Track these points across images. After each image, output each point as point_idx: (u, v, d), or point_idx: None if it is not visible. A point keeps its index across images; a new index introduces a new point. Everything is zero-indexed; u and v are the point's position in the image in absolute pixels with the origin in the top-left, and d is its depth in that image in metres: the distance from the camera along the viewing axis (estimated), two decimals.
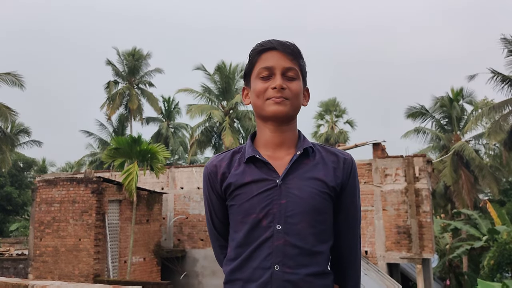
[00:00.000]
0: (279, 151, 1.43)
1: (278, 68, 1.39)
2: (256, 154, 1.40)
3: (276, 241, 1.32)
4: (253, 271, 1.33)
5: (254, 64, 1.43)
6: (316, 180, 1.38)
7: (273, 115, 1.39)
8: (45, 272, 12.30)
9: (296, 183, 1.36)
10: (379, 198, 13.70)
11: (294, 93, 1.40)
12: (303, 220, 1.34)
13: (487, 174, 22.45)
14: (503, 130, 20.26)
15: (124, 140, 13.09)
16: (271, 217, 1.34)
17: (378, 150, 14.50)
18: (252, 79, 1.44)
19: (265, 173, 1.38)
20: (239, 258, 1.37)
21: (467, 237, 20.58)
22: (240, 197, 1.38)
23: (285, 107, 1.38)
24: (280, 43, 1.41)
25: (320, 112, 34.21)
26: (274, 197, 1.35)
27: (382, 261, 13.41)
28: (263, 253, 1.33)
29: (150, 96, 30.33)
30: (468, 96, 25.14)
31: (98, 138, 30.46)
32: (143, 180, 15.46)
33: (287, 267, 1.31)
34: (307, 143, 1.43)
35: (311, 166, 1.40)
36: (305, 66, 1.47)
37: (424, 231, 13.22)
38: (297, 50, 1.43)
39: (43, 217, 12.64)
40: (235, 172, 1.41)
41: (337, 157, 1.44)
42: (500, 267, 14.65)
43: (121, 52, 30.02)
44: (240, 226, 1.38)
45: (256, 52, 1.43)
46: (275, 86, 1.37)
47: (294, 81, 1.41)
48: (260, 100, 1.40)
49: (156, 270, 13.80)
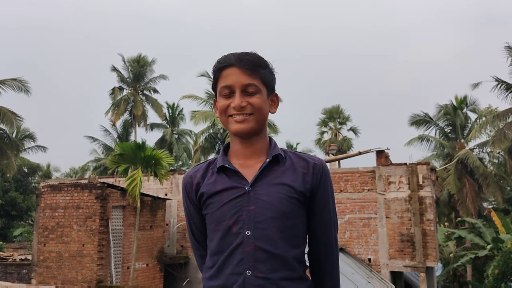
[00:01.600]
0: (249, 160, 1.45)
1: (237, 86, 1.40)
2: (226, 163, 1.44)
3: (247, 247, 1.35)
4: (227, 277, 1.36)
5: (217, 82, 1.45)
6: (284, 186, 1.40)
7: (237, 133, 1.42)
8: (49, 278, 12.32)
9: (265, 189, 1.39)
10: (383, 206, 13.67)
11: (256, 107, 1.41)
12: (272, 225, 1.36)
13: (492, 183, 22.36)
14: (508, 139, 20.22)
15: (128, 146, 13.15)
16: (241, 223, 1.37)
17: (382, 157, 14.49)
18: (217, 95, 1.47)
19: (235, 181, 1.41)
20: (215, 266, 1.40)
21: (471, 245, 20.48)
22: (212, 206, 1.42)
23: (247, 125, 1.40)
24: (238, 58, 1.41)
25: (324, 119, 34.19)
26: (243, 203, 1.38)
27: (385, 269, 13.36)
28: (235, 259, 1.35)
29: (154, 102, 30.48)
30: (472, 104, 25.12)
31: (103, 144, 30.57)
32: (147, 186, 15.51)
33: (259, 272, 1.33)
34: (277, 150, 1.45)
35: (280, 172, 1.42)
36: (267, 74, 1.45)
37: (428, 239, 13.17)
38: (257, 62, 1.42)
39: (47, 222, 12.69)
40: (207, 181, 1.45)
41: (307, 163, 1.45)
42: (505, 276, 14.56)
43: (126, 58, 30.27)
44: (214, 234, 1.41)
45: (216, 69, 1.44)
46: (234, 106, 1.40)
47: (255, 96, 1.41)
48: (223, 117, 1.44)
49: (159, 277, 13.80)
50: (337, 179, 14.14)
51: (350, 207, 13.98)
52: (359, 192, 14.01)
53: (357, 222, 13.88)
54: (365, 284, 11.79)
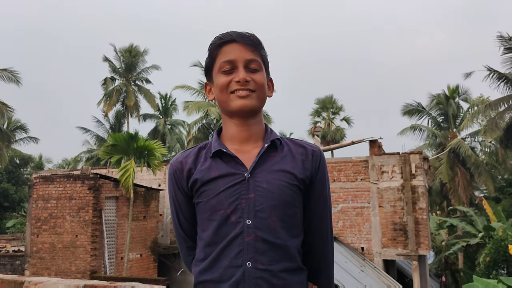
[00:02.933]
0: (246, 145, 1.38)
1: (240, 61, 1.35)
2: (222, 147, 1.35)
3: (247, 237, 1.27)
4: (224, 270, 1.27)
5: (215, 58, 1.38)
6: (285, 173, 1.33)
7: (239, 110, 1.34)
8: (42, 269, 12.30)
9: (264, 176, 1.32)
10: (376, 195, 13.74)
11: (259, 84, 1.36)
12: (273, 214, 1.29)
13: (483, 172, 22.55)
14: (499, 128, 20.35)
15: (121, 136, 13.08)
16: (240, 212, 1.29)
17: (375, 147, 14.53)
18: (214, 74, 1.40)
19: (232, 167, 1.33)
20: (208, 258, 1.31)
21: (463, 234, 20.69)
22: (207, 193, 1.33)
23: (251, 101, 1.34)
24: (240, 34, 1.37)
25: (317, 109, 34.20)
26: (242, 191, 1.30)
27: (378, 258, 13.47)
28: (234, 251, 1.27)
29: (147, 92, 30.30)
30: (464, 93, 25.24)
31: (95, 135, 30.41)
32: (140, 176, 15.45)
33: (260, 264, 1.26)
34: (274, 136, 1.39)
35: (279, 158, 1.36)
36: (267, 56, 1.42)
37: (420, 228, 13.28)
38: (258, 40, 1.39)
39: (40, 213, 12.63)
40: (201, 167, 1.36)
41: (305, 150, 1.40)
42: (496, 264, 14.73)
43: (118, 48, 30.00)
44: (208, 224, 1.32)
45: (215, 45, 1.38)
46: (239, 79, 1.33)
47: (258, 73, 1.36)
48: (224, 95, 1.36)
49: (153, 267, 13.82)
50: (330, 168, 14.17)
51: (343, 196, 14.04)
52: (352, 181, 14.07)
53: (350, 211, 13.96)
54: (358, 272, 11.89)
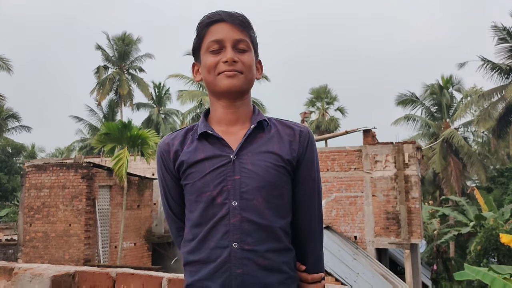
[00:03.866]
0: (233, 127, 1.38)
1: (228, 41, 1.34)
2: (208, 129, 1.35)
3: (233, 218, 1.28)
4: (211, 251, 1.29)
5: (203, 38, 1.37)
6: (271, 154, 1.33)
7: (227, 90, 1.34)
8: (35, 258, 12.28)
9: (250, 158, 1.32)
10: (369, 185, 13.81)
11: (247, 65, 1.35)
12: (259, 195, 1.29)
13: (476, 161, 22.72)
14: (492, 118, 20.47)
15: (115, 125, 13.01)
16: (226, 193, 1.29)
17: (368, 136, 14.57)
18: (201, 54, 1.38)
19: (218, 149, 1.34)
20: (196, 239, 1.32)
21: (454, 223, 20.89)
22: (193, 175, 1.33)
23: (238, 81, 1.33)
24: (229, 14, 1.36)
25: (311, 99, 34.18)
26: (228, 173, 1.30)
27: (371, 246, 13.58)
28: (220, 232, 1.28)
29: (140, 81, 30.09)
30: (457, 83, 25.32)
31: (88, 124, 30.23)
32: (134, 165, 15.41)
33: (246, 244, 1.27)
34: (261, 117, 1.39)
35: (266, 140, 1.36)
36: (256, 37, 1.41)
37: (413, 217, 13.38)
38: (247, 20, 1.38)
39: (33, 202, 12.58)
40: (187, 149, 1.37)
41: (293, 130, 1.39)
42: (487, 252, 14.92)
43: (111, 37, 29.69)
44: (195, 205, 1.33)
45: (204, 24, 1.37)
46: (226, 59, 1.32)
47: (246, 53, 1.35)
48: (211, 75, 1.35)
49: (147, 255, 13.85)
50: (324, 158, 14.20)
51: (336, 185, 14.10)
52: (345, 171, 14.12)
53: (344, 200, 14.03)
54: (351, 260, 11.99)
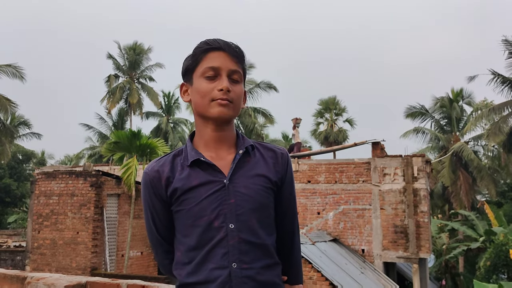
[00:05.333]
0: (220, 151, 1.44)
1: (224, 70, 1.39)
2: (200, 156, 1.40)
3: (231, 240, 1.35)
4: (210, 272, 1.34)
5: (199, 62, 1.42)
6: (260, 177, 1.42)
7: (218, 117, 1.39)
8: (43, 265, 12.33)
9: (242, 182, 1.39)
10: (377, 197, 13.72)
11: (238, 96, 1.42)
12: (252, 217, 1.38)
13: (486, 176, 22.49)
14: (502, 132, 20.30)
15: (124, 134, 13.10)
16: (223, 217, 1.36)
17: (377, 149, 14.52)
18: (195, 77, 1.43)
19: (211, 175, 1.39)
20: (193, 262, 1.37)
21: (464, 238, 20.65)
22: (188, 201, 1.38)
23: (229, 110, 1.39)
24: (227, 44, 1.42)
25: (320, 110, 34.09)
26: (224, 197, 1.37)
27: (378, 260, 13.45)
28: (219, 253, 1.34)
29: (150, 90, 30.32)
30: (468, 97, 25.17)
31: (98, 132, 30.45)
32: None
33: (244, 263, 1.34)
34: (247, 142, 1.46)
35: (253, 163, 1.44)
36: (246, 70, 1.49)
37: (421, 231, 13.25)
38: (242, 53, 1.45)
39: (42, 209, 12.66)
40: (180, 176, 1.41)
41: (275, 153, 1.48)
42: (496, 268, 14.71)
43: (122, 46, 30.02)
44: (191, 230, 1.38)
45: (202, 50, 1.41)
46: (222, 88, 1.38)
47: (238, 84, 1.42)
48: (205, 101, 1.40)
49: (153, 265, 13.83)
50: (332, 170, 14.16)
51: (344, 198, 14.03)
52: (354, 183, 14.05)
53: (351, 213, 13.94)
54: (358, 274, 11.88)
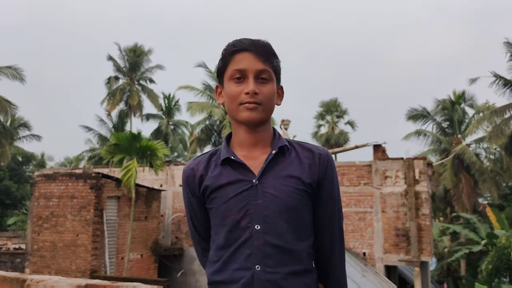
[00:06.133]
0: (254, 151, 1.43)
1: (250, 71, 1.37)
2: (230, 155, 1.40)
3: (256, 241, 1.33)
4: (234, 272, 1.33)
5: (227, 65, 1.41)
6: (292, 178, 1.38)
7: (246, 121, 1.38)
8: (42, 267, 12.26)
9: (272, 182, 1.37)
10: (379, 200, 13.65)
11: (267, 97, 1.39)
12: (281, 219, 1.34)
13: (488, 179, 22.39)
14: (504, 135, 20.23)
15: (124, 136, 13.05)
16: (249, 217, 1.34)
17: (379, 151, 14.45)
18: (225, 80, 1.42)
19: (240, 174, 1.38)
20: (220, 260, 1.37)
21: (465, 241, 20.56)
22: (217, 200, 1.39)
23: (257, 113, 1.37)
24: (253, 43, 1.39)
25: (321, 112, 34.09)
26: (251, 197, 1.35)
27: (380, 263, 13.38)
28: (243, 254, 1.33)
29: (150, 92, 30.27)
30: (470, 99, 25.11)
31: (98, 134, 30.39)
32: (142, 176, 15.42)
33: (268, 267, 1.31)
34: (282, 141, 1.43)
35: (287, 164, 1.40)
36: (279, 64, 1.44)
37: (423, 234, 13.18)
38: (270, 49, 1.41)
39: (42, 211, 12.60)
40: (211, 174, 1.41)
41: (312, 153, 1.43)
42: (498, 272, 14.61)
43: (122, 48, 29.97)
44: (220, 228, 1.38)
45: (228, 52, 1.40)
46: (248, 91, 1.36)
47: (267, 84, 1.39)
48: (234, 105, 1.39)
49: (153, 267, 13.76)
50: None
51: (346, 200, 13.96)
52: (355, 186, 13.98)
53: (353, 216, 13.87)
54: (359, 277, 11.80)
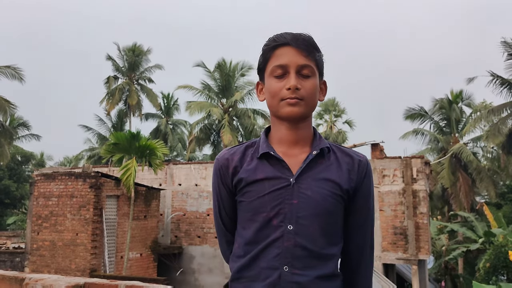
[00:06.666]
0: (294, 149, 1.38)
1: (292, 66, 1.32)
2: (270, 150, 1.35)
3: (286, 242, 1.29)
4: (261, 270, 1.30)
5: (268, 60, 1.36)
6: (330, 182, 1.34)
7: (288, 117, 1.34)
8: (42, 266, 12.31)
9: (309, 184, 1.32)
10: (377, 199, 13.71)
11: (309, 92, 1.34)
12: (315, 222, 1.30)
13: (485, 177, 22.48)
14: (502, 133, 20.31)
15: (123, 135, 13.09)
16: (282, 216, 1.30)
17: (377, 150, 14.52)
18: (266, 76, 1.38)
19: (278, 171, 1.34)
20: (247, 256, 1.33)
21: (463, 239, 20.65)
22: (251, 194, 1.34)
23: (299, 109, 1.32)
24: (294, 37, 1.33)
25: (319, 111, 34.21)
26: (286, 196, 1.31)
27: (378, 262, 13.44)
28: (272, 253, 1.29)
29: (149, 92, 30.31)
30: (467, 98, 25.18)
31: (97, 133, 30.41)
32: (141, 176, 15.46)
33: (296, 269, 1.28)
34: (324, 143, 1.38)
35: (325, 166, 1.36)
36: (322, 59, 1.39)
37: (421, 232, 13.25)
38: (313, 43, 1.36)
39: (41, 211, 12.64)
40: (247, 167, 1.37)
41: (352, 159, 1.39)
42: (496, 270, 14.69)
43: (121, 47, 30.00)
44: (249, 224, 1.34)
45: (269, 48, 1.36)
46: (290, 86, 1.31)
47: (309, 79, 1.34)
48: (274, 101, 1.35)
49: (152, 266, 13.81)
50: None
51: None
52: None
53: None
54: None
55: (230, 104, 24.75)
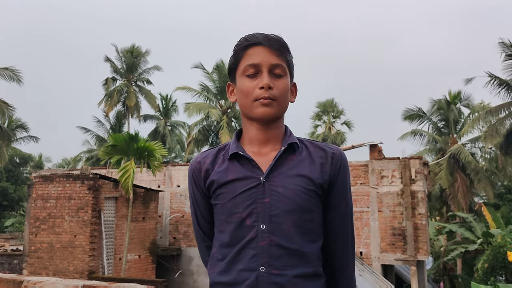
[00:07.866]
0: (264, 148, 1.36)
1: (264, 66, 1.31)
2: (239, 150, 1.34)
3: (261, 242, 1.27)
4: (238, 273, 1.27)
5: (239, 60, 1.35)
6: (302, 177, 1.31)
7: (261, 118, 1.32)
8: (40, 268, 12.28)
9: (281, 181, 1.30)
10: (375, 200, 13.72)
11: (282, 92, 1.32)
12: (288, 219, 1.28)
13: (483, 178, 22.53)
14: (499, 134, 20.34)
15: (121, 137, 13.07)
16: (255, 216, 1.28)
17: (375, 151, 14.52)
18: (237, 76, 1.37)
19: (248, 170, 1.32)
20: (225, 260, 1.31)
21: (461, 240, 20.67)
22: (224, 196, 1.32)
23: (272, 109, 1.31)
24: (266, 37, 1.33)
25: (318, 112, 34.19)
26: (258, 195, 1.29)
27: (376, 263, 13.45)
28: (248, 254, 1.27)
29: (148, 93, 30.30)
30: (466, 99, 25.24)
31: (95, 135, 30.39)
32: (140, 177, 15.45)
33: (274, 269, 1.25)
34: (293, 139, 1.36)
35: (297, 162, 1.34)
36: (292, 60, 1.38)
37: (419, 233, 13.26)
38: (284, 44, 1.35)
39: (39, 213, 12.62)
40: (218, 169, 1.35)
41: (325, 152, 1.36)
42: (494, 270, 14.70)
43: (119, 49, 29.99)
44: (225, 226, 1.32)
45: (241, 47, 1.34)
46: (263, 85, 1.29)
47: (282, 79, 1.33)
48: (248, 101, 1.33)
49: (151, 268, 13.80)
50: None
51: None
52: (352, 185, 13.98)
53: None
54: (356, 277, 11.86)
55: (228, 105, 24.76)
